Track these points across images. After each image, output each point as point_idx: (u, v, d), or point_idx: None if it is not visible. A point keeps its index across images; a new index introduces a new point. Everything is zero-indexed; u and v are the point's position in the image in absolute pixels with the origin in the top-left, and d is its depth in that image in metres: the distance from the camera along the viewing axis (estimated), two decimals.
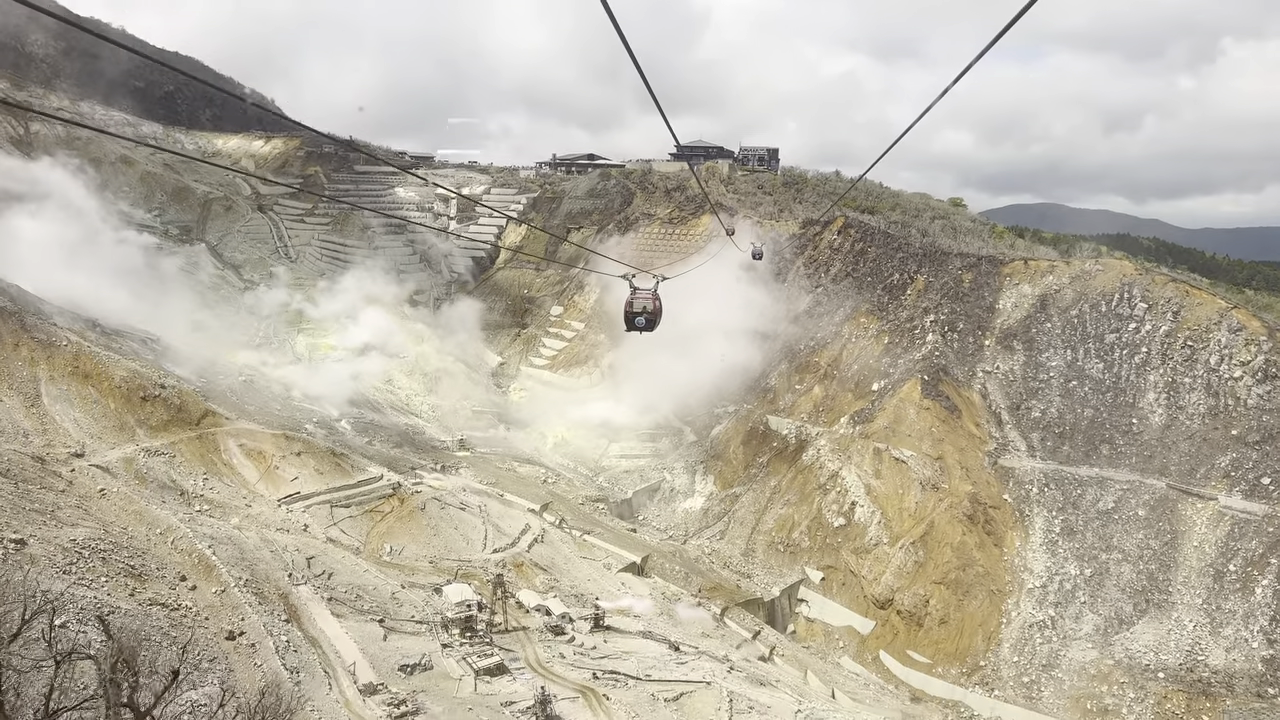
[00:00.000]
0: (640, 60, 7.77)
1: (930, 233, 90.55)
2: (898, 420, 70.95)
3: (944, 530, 64.49)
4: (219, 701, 32.47)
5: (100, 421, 51.46)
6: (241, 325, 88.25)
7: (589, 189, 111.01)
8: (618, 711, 38.76)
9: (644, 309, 21.23)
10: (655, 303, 21.31)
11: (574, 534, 60.92)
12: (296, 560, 45.28)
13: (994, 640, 59.96)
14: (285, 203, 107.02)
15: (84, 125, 15.38)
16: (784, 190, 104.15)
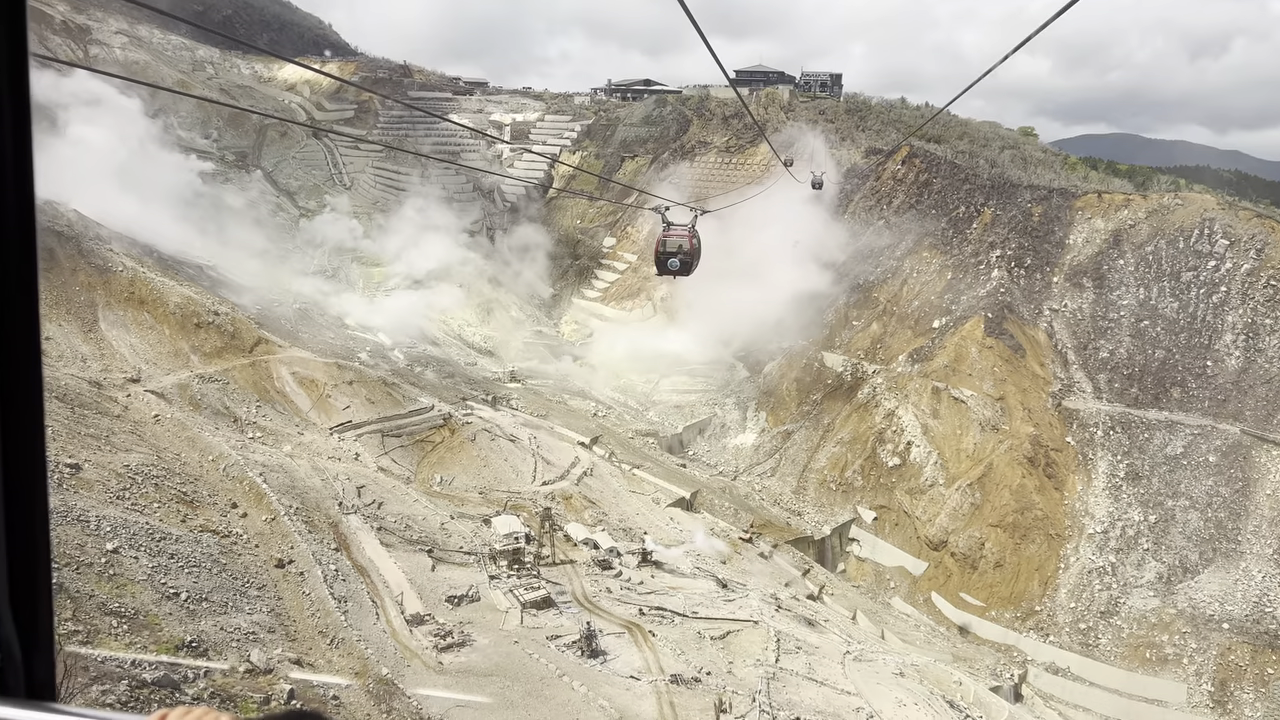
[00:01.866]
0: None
1: (999, 163, 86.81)
2: (958, 359, 68.90)
3: (1003, 472, 62.88)
4: (268, 628, 32.84)
5: (155, 347, 51.93)
6: (297, 253, 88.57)
7: (644, 116, 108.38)
8: (663, 648, 38.53)
9: (678, 249, 18.60)
10: (692, 241, 18.66)
11: (623, 468, 60.57)
12: (347, 489, 45.51)
13: (1051, 585, 58.70)
14: (340, 129, 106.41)
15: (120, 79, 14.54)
16: (847, 118, 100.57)
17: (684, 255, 18.75)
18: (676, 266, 18.98)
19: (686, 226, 18.91)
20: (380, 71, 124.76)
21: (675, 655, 38.06)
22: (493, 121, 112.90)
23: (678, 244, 18.80)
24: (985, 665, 53.07)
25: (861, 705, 37.83)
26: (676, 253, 18.71)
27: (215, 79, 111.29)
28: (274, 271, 79.56)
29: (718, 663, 38.49)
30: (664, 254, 18.83)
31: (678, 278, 19.29)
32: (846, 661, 42.97)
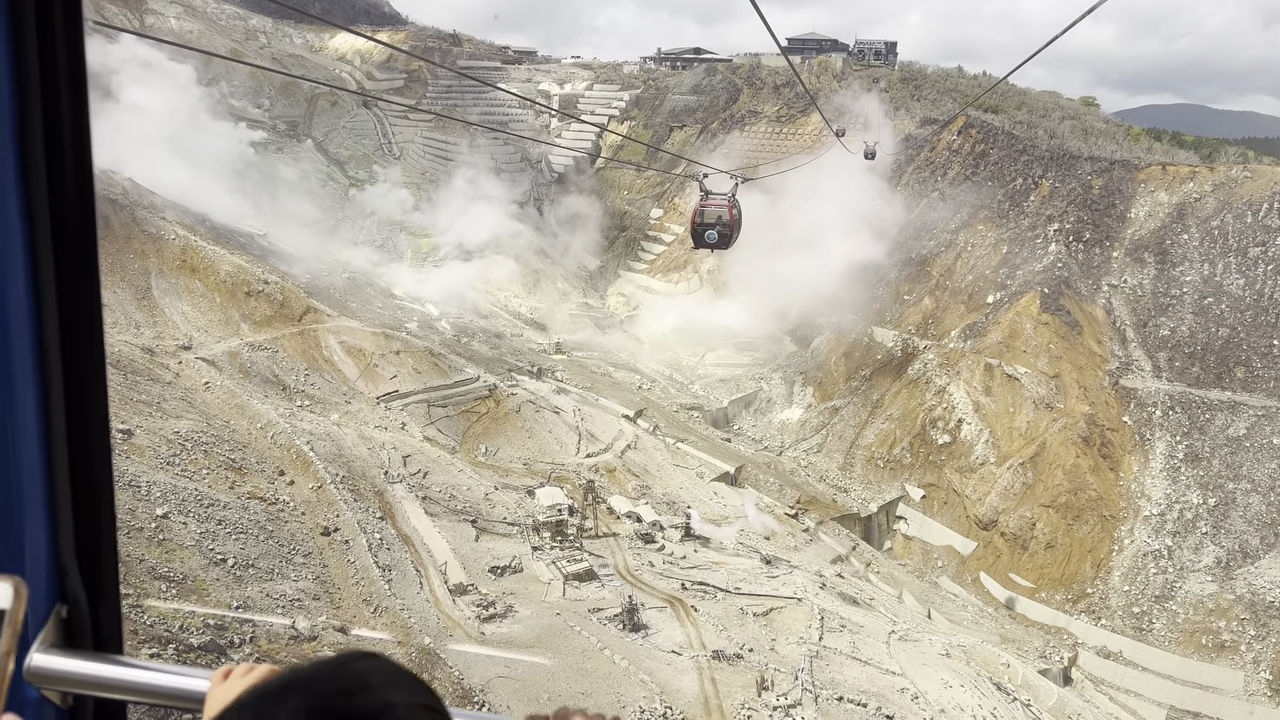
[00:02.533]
0: None
1: (1059, 134, 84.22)
2: (1012, 335, 67.28)
3: (1056, 452, 61.45)
4: (312, 595, 33.18)
5: (206, 315, 52.59)
6: (347, 222, 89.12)
7: (693, 85, 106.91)
8: (705, 624, 38.28)
9: (716, 219, 17.37)
10: (732, 212, 17.40)
11: (667, 441, 60.24)
12: (392, 458, 45.79)
13: (1104, 568, 57.42)
14: (391, 98, 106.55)
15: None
16: (901, 87, 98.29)
17: (723, 227, 17.57)
18: (714, 239, 17.79)
19: (726, 196, 17.80)
20: (429, 41, 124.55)
21: (717, 631, 37.79)
22: (540, 91, 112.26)
23: (716, 215, 17.64)
24: (1034, 647, 52.09)
25: (906, 686, 37.29)
26: (715, 224, 17.54)
27: (267, 48, 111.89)
28: (323, 241, 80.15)
29: (760, 640, 38.14)
30: (701, 225, 17.67)
31: (716, 251, 18.19)
32: (892, 641, 42.38)
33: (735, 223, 17.41)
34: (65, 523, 1.91)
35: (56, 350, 1.80)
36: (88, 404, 1.88)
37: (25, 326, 1.74)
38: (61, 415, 1.85)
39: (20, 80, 1.65)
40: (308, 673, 1.35)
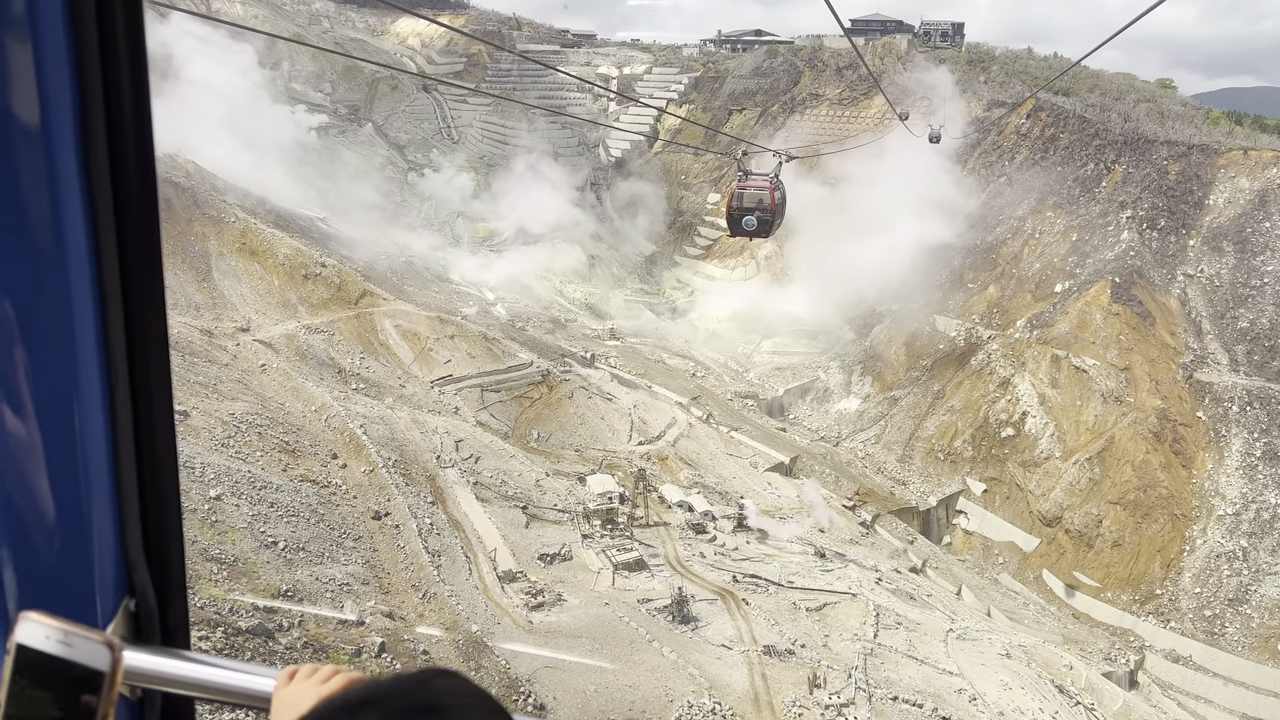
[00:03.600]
0: None
1: (1133, 118, 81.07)
2: (1081, 325, 65.02)
3: (1125, 447, 59.31)
4: (361, 580, 33.19)
5: (265, 297, 53.10)
6: (405, 207, 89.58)
7: (754, 67, 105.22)
8: (756, 617, 37.56)
9: (757, 204, 15.78)
10: (773, 194, 15.79)
11: (721, 430, 59.44)
12: (445, 443, 45.73)
13: (1174, 568, 55.33)
14: (451, 81, 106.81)
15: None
16: (968, 69, 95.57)
17: (763, 212, 15.81)
18: (753, 225, 16.10)
19: (768, 177, 16.37)
20: (489, 24, 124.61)
21: (769, 625, 37.05)
22: (599, 75, 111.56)
23: (756, 198, 16.06)
24: (1098, 649, 50.48)
25: (964, 686, 36.19)
26: (754, 208, 15.89)
27: (330, 33, 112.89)
28: (382, 225, 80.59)
29: (813, 635, 37.32)
30: (739, 210, 15.94)
31: (755, 239, 16.80)
32: (949, 639, 41.23)
33: (777, 207, 15.83)
34: (132, 516, 1.90)
35: (121, 341, 1.79)
36: (154, 396, 1.87)
37: (89, 318, 1.72)
38: (128, 408, 1.83)
39: (80, 61, 1.61)
40: (387, 688, 1.35)
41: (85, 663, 1.30)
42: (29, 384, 1.72)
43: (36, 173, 1.61)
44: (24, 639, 1.31)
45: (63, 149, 1.63)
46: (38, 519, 1.79)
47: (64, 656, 1.30)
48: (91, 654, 1.31)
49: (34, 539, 1.79)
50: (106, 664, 1.31)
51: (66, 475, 1.79)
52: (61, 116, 1.62)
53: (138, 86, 1.69)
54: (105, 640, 1.33)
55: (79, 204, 1.68)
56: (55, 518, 1.80)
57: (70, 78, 1.61)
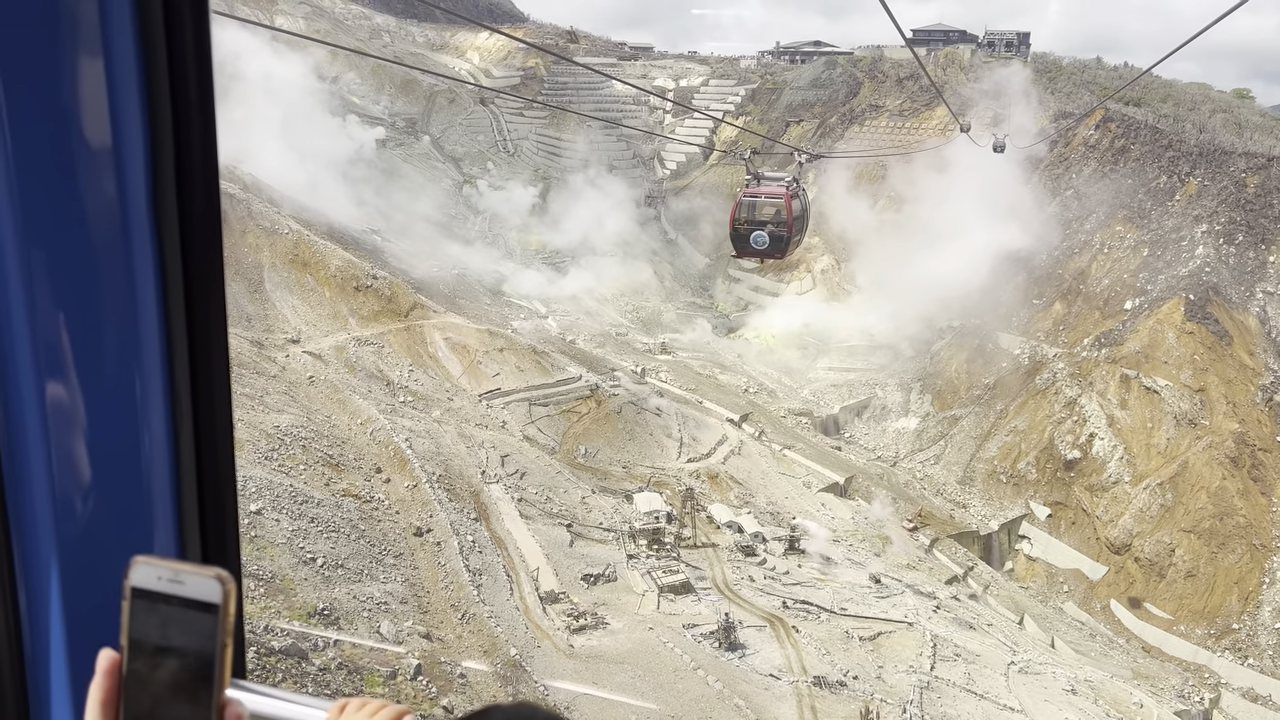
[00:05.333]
0: None
1: (1209, 128, 77.86)
2: (1153, 344, 62.29)
3: (1199, 472, 56.50)
4: (400, 599, 32.57)
5: (316, 309, 53.18)
6: (459, 219, 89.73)
7: (812, 79, 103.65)
8: (807, 646, 36.20)
9: (770, 217, 12.74)
10: (790, 204, 12.73)
11: (773, 448, 57.98)
12: (491, 457, 45.15)
13: (1252, 601, 52.43)
14: (507, 94, 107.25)
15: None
16: (1035, 79, 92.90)
17: (777, 226, 12.49)
18: (764, 244, 12.98)
19: (783, 181, 13.59)
20: (547, 37, 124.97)
21: (820, 655, 35.66)
22: (656, 87, 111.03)
23: (770, 209, 12.85)
24: (1170, 685, 47.93)
25: None
26: (767, 222, 12.53)
27: (390, 46, 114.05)
28: (435, 237, 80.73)
29: (866, 666, 35.83)
30: (746, 224, 12.72)
31: (766, 260, 14.11)
32: (1010, 673, 39.41)
33: (795, 221, 12.49)
34: (193, 536, 1.89)
35: (185, 354, 1.80)
36: (213, 410, 1.86)
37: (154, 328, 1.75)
38: (189, 425, 1.83)
39: (149, 71, 1.65)
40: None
41: (198, 597, 1.36)
42: (93, 400, 1.72)
43: (105, 185, 1.63)
44: (138, 581, 1.37)
45: (132, 160, 1.65)
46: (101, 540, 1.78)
47: (178, 594, 1.36)
48: (203, 588, 1.36)
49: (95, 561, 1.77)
50: (219, 596, 1.36)
51: (131, 498, 1.79)
52: (131, 129, 1.63)
53: (204, 98, 1.70)
54: (215, 574, 1.37)
55: (146, 219, 1.69)
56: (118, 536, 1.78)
57: (139, 88, 1.63)
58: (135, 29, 1.62)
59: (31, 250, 1.64)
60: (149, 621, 1.38)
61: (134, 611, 1.38)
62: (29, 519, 1.77)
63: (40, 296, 1.66)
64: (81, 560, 1.78)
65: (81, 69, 1.59)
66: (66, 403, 1.72)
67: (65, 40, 1.58)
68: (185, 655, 1.38)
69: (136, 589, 1.38)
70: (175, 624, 1.37)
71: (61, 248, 1.66)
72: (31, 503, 1.76)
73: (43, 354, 1.69)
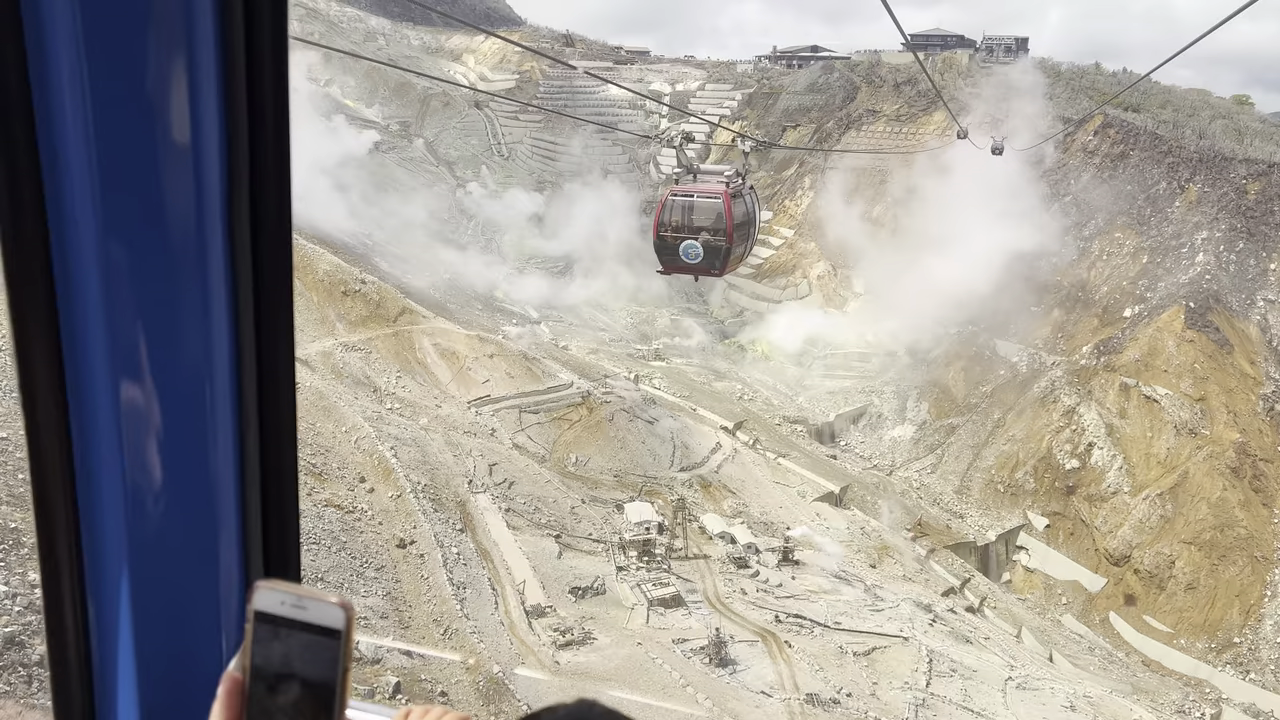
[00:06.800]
0: None
1: (1209, 134, 77.19)
2: (1152, 353, 61.54)
3: (1200, 483, 55.70)
4: (380, 614, 31.62)
5: (303, 314, 52.21)
6: (451, 223, 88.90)
7: (809, 83, 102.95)
8: (799, 662, 35.27)
9: (706, 224, 10.16)
10: (730, 207, 10.28)
11: (767, 456, 57.14)
12: (479, 466, 44.24)
13: (1254, 615, 51.61)
14: (500, 99, 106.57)
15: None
16: (1033, 84, 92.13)
17: (714, 235, 9.96)
18: (697, 256, 10.63)
19: (723, 177, 11.05)
20: (542, 41, 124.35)
21: (812, 671, 34.74)
22: (652, 91, 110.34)
23: (709, 214, 10.44)
24: (1171, 700, 47.07)
25: None
26: (701, 229, 10.07)
27: (385, 49, 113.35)
28: (428, 241, 79.91)
29: (860, 683, 34.91)
30: (674, 232, 10.27)
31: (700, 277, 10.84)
32: (1008, 689, 38.46)
33: (739, 230, 10.20)
34: (255, 544, 1.88)
35: (252, 359, 1.78)
36: (281, 420, 1.86)
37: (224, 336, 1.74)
38: (255, 431, 1.83)
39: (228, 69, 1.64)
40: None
41: (322, 623, 1.39)
42: (166, 403, 1.73)
43: (183, 183, 1.64)
44: (261, 605, 1.40)
45: (209, 160, 1.64)
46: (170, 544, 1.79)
47: (300, 619, 1.38)
48: (325, 614, 1.39)
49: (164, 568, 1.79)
50: (341, 623, 1.39)
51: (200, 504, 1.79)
52: (209, 127, 1.63)
53: (279, 99, 1.69)
54: (339, 602, 1.40)
55: (220, 221, 1.68)
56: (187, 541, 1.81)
57: (218, 87, 1.62)
58: (216, 25, 1.58)
59: (111, 246, 1.62)
60: (271, 646, 1.40)
61: (257, 635, 1.39)
62: (99, 520, 1.74)
63: (117, 294, 1.64)
64: (151, 564, 1.77)
65: (165, 63, 1.56)
66: (140, 404, 1.70)
67: (150, 32, 1.54)
68: (306, 681, 1.40)
69: (260, 613, 1.39)
70: (298, 650, 1.39)
71: (140, 245, 1.63)
72: (102, 504, 1.73)
73: (119, 353, 1.67)
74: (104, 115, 1.55)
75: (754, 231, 10.30)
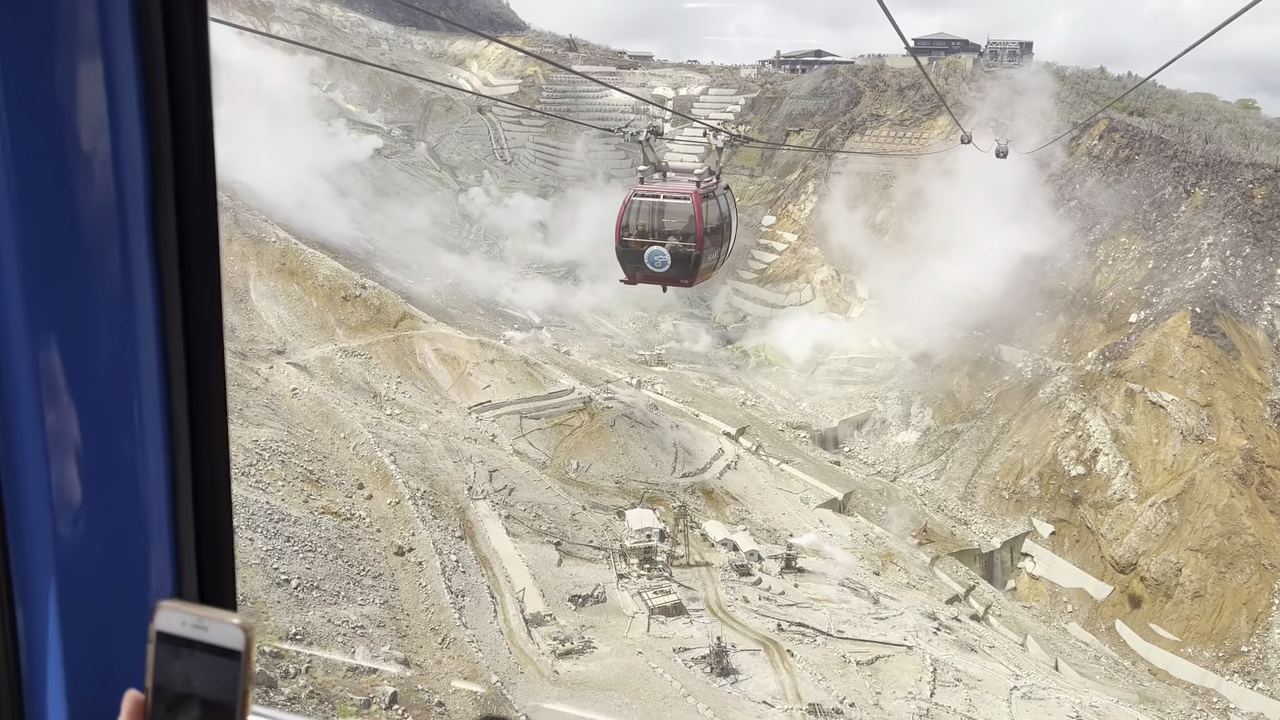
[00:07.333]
0: None
1: (1215, 139, 76.79)
2: (1158, 358, 61.08)
3: (1207, 489, 55.22)
4: (378, 622, 31.30)
5: (303, 319, 52.02)
6: (454, 228, 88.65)
7: (812, 88, 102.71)
8: (802, 671, 34.85)
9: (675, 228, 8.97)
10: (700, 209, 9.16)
11: (771, 462, 56.73)
12: (479, 472, 43.90)
13: (1261, 623, 51.08)
14: (504, 102, 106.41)
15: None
16: (1038, 88, 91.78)
17: (683, 241, 9.00)
18: (664, 265, 9.68)
19: (694, 176, 9.69)
20: (545, 46, 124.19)
21: (815, 681, 34.32)
22: (655, 96, 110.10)
23: (678, 216, 9.42)
24: (1178, 710, 46.63)
25: None
26: (669, 234, 8.99)
27: (388, 55, 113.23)
28: (429, 246, 79.65)
29: (863, 693, 34.49)
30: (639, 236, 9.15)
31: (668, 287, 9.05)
32: (1013, 699, 38.01)
33: (711, 235, 8.98)
34: (188, 559, 1.84)
35: (182, 374, 1.74)
36: (210, 441, 1.81)
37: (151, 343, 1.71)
38: (186, 448, 1.77)
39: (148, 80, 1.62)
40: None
41: (221, 643, 1.39)
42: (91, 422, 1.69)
43: (104, 193, 1.61)
44: (163, 626, 1.41)
45: (130, 168, 1.61)
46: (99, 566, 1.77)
47: (202, 640, 1.39)
48: (226, 635, 1.40)
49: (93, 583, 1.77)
50: (241, 643, 1.40)
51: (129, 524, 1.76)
52: (130, 135, 1.59)
53: (202, 104, 1.67)
54: (240, 623, 1.40)
55: (144, 231, 1.65)
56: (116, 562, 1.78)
57: (138, 93, 1.60)
58: (134, 30, 1.56)
59: (31, 261, 1.59)
60: (173, 666, 1.40)
61: (159, 656, 1.40)
62: (27, 537, 1.72)
63: (39, 309, 1.61)
64: (81, 580, 1.74)
65: (80, 70, 1.54)
66: (66, 421, 1.67)
67: (63, 40, 1.52)
68: (207, 702, 1.40)
69: (162, 633, 1.40)
70: (198, 670, 1.39)
71: (61, 259, 1.60)
72: (30, 520, 1.72)
73: (43, 369, 1.64)
74: (18, 125, 1.49)
75: (730, 237, 9.61)
